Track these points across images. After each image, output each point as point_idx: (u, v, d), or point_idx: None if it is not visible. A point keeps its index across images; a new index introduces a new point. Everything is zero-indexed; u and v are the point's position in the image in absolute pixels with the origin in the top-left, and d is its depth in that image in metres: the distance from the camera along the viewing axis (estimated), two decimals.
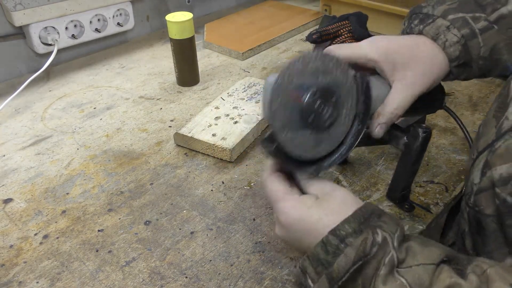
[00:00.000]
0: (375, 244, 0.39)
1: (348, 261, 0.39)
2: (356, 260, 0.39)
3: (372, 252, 0.39)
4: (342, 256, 0.39)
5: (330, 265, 0.40)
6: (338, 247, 0.40)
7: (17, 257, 0.58)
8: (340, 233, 0.40)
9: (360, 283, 0.39)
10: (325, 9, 1.28)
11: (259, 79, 0.92)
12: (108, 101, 0.92)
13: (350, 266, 0.39)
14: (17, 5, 0.94)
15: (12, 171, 0.73)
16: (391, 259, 0.39)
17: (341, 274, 0.39)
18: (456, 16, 0.56)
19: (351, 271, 0.39)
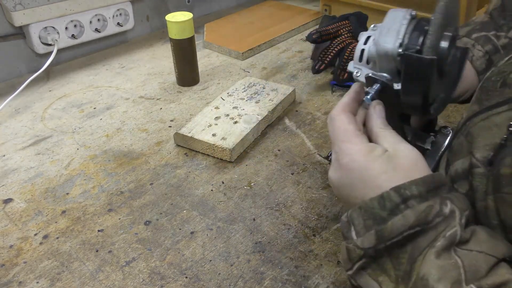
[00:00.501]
0: (441, 215, 0.36)
1: (405, 223, 0.36)
2: (414, 225, 0.36)
3: (434, 222, 0.36)
4: (400, 216, 0.36)
5: (384, 222, 0.37)
6: (398, 206, 0.37)
7: (17, 257, 0.58)
8: (404, 192, 0.37)
9: (408, 252, 0.36)
10: (325, 9, 1.28)
11: (259, 79, 0.92)
12: (108, 101, 0.92)
13: (405, 229, 0.36)
14: (17, 5, 0.94)
15: (12, 171, 0.73)
16: (453, 234, 0.35)
17: (393, 235, 0.36)
18: (479, 35, 0.61)
19: (405, 235, 0.36)
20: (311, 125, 0.83)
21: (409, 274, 0.36)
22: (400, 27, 0.43)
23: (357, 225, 0.39)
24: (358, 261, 0.38)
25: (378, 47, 0.44)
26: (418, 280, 0.35)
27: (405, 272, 0.36)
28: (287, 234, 0.60)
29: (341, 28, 0.97)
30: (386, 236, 0.36)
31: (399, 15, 0.44)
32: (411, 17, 0.44)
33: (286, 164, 0.73)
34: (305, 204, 0.65)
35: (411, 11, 0.44)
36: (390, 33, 0.44)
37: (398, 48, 0.43)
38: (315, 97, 0.92)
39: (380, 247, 0.37)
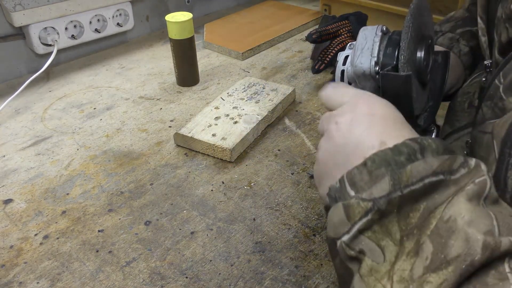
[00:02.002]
0: (466, 166, 0.31)
1: (428, 168, 0.30)
2: (438, 171, 0.30)
3: (458, 173, 0.31)
4: (421, 161, 0.31)
5: (402, 166, 0.31)
6: (415, 153, 0.32)
7: (17, 257, 0.58)
8: (423, 142, 0.32)
9: (421, 210, 0.30)
10: (325, 9, 1.28)
11: (259, 79, 0.92)
12: (108, 101, 0.92)
13: (428, 174, 0.30)
14: (16, 5, 0.94)
15: (12, 172, 0.73)
16: (484, 183, 0.30)
17: (412, 180, 0.30)
18: (464, 30, 0.61)
19: (426, 183, 0.30)
20: (311, 125, 0.83)
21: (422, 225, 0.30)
22: (373, 45, 0.43)
23: (360, 181, 0.33)
24: (361, 219, 0.32)
25: (355, 68, 0.44)
26: (441, 224, 0.29)
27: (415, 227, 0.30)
28: (287, 234, 0.60)
29: (341, 28, 0.97)
30: (404, 181, 0.31)
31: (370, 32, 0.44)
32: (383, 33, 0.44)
33: (286, 164, 0.73)
34: (305, 204, 0.65)
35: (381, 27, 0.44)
36: (364, 53, 0.43)
37: (375, 66, 0.43)
38: (315, 97, 0.92)
39: (395, 195, 0.31)
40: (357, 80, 0.45)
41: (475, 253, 0.27)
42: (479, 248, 0.27)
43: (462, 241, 0.27)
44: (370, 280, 0.31)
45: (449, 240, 0.28)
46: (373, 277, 0.31)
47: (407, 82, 0.41)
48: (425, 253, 0.29)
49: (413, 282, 0.28)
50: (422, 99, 0.47)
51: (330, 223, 0.34)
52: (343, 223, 0.33)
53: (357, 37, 0.45)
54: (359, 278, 0.32)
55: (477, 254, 0.27)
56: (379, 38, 0.43)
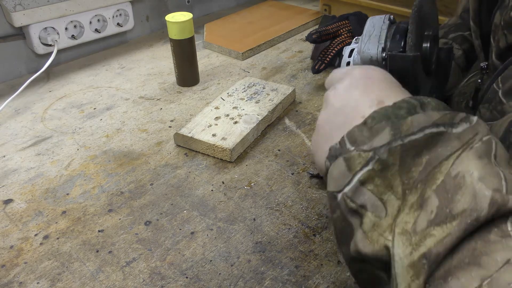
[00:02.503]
0: (467, 121, 0.30)
1: (429, 120, 0.30)
2: (439, 123, 0.30)
3: (459, 127, 0.30)
4: (421, 114, 0.31)
5: (402, 118, 0.31)
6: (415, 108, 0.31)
7: (17, 257, 0.58)
8: (422, 99, 0.32)
9: (423, 163, 0.30)
10: (325, 9, 1.28)
11: (259, 79, 0.92)
12: (108, 101, 0.93)
13: (428, 124, 0.30)
14: (16, 5, 0.94)
15: (12, 172, 0.73)
16: (489, 141, 0.29)
17: (413, 129, 0.30)
18: (455, 35, 0.63)
19: (427, 133, 0.30)
20: (311, 125, 0.83)
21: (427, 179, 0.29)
22: (380, 33, 0.44)
23: (359, 137, 0.32)
24: (362, 169, 0.31)
25: (362, 54, 0.44)
26: (448, 179, 0.28)
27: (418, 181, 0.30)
28: (288, 234, 0.60)
29: (341, 28, 0.97)
30: (405, 130, 0.30)
31: (378, 21, 0.45)
32: (390, 22, 0.45)
33: (286, 164, 0.73)
34: (306, 204, 0.65)
35: (389, 16, 0.45)
36: (371, 40, 0.44)
37: (381, 52, 0.43)
38: (315, 97, 0.92)
39: (396, 144, 0.30)
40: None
41: (482, 209, 0.26)
42: (486, 204, 0.26)
43: (469, 196, 0.27)
44: (373, 235, 0.31)
45: (456, 195, 0.27)
46: (376, 232, 0.30)
47: (415, 62, 0.41)
48: (429, 207, 0.28)
49: (416, 235, 0.28)
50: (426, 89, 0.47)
51: (331, 178, 0.33)
52: (344, 174, 0.32)
53: (365, 25, 0.46)
54: (362, 234, 0.31)
55: (483, 210, 0.26)
56: (386, 26, 0.44)
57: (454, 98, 0.53)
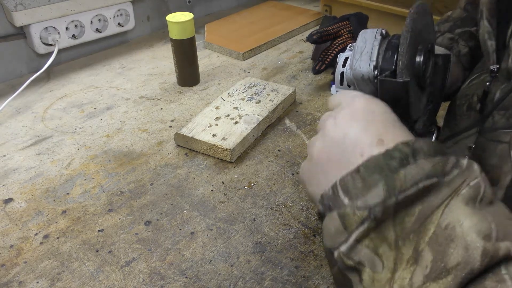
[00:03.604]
0: (457, 167, 0.31)
1: (421, 172, 0.30)
2: (431, 174, 0.30)
3: (450, 174, 0.30)
4: (413, 165, 0.31)
5: (395, 171, 0.31)
6: (408, 157, 0.31)
7: (17, 257, 0.58)
8: (414, 145, 0.32)
9: (417, 212, 0.30)
10: (326, 9, 1.28)
11: (259, 79, 0.93)
12: (109, 101, 0.93)
13: (422, 177, 0.30)
14: (17, 5, 0.94)
15: (13, 171, 0.73)
16: (478, 185, 0.30)
17: (407, 185, 0.30)
18: (462, 30, 0.61)
19: (420, 187, 0.30)
20: (311, 125, 0.83)
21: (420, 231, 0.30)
22: (372, 49, 0.43)
23: (353, 188, 0.32)
24: (358, 228, 0.31)
25: (354, 71, 0.44)
26: (439, 231, 0.29)
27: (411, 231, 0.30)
28: (287, 234, 0.60)
29: (342, 28, 0.97)
30: (399, 187, 0.30)
31: (369, 36, 0.44)
32: (382, 37, 0.44)
33: (287, 165, 0.73)
34: (305, 205, 0.65)
35: (381, 30, 0.44)
36: (363, 57, 0.43)
37: (373, 71, 0.43)
38: (316, 97, 0.92)
39: (390, 202, 0.30)
40: (356, 84, 0.45)
41: (475, 261, 0.27)
42: (479, 256, 0.27)
43: (461, 249, 0.27)
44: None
45: (448, 248, 0.28)
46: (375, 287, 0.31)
47: (404, 88, 0.40)
48: (424, 261, 0.29)
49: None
50: (421, 103, 0.47)
51: (326, 233, 0.34)
52: (340, 232, 0.32)
53: (357, 40, 0.45)
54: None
55: (476, 262, 0.27)
56: (378, 42, 0.43)
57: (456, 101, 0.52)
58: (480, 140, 0.44)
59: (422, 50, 0.43)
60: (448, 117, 0.52)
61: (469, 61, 0.59)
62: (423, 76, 0.44)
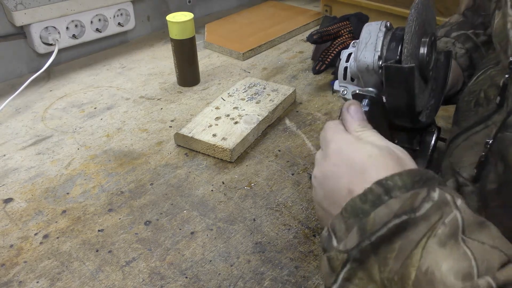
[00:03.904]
0: (429, 200, 0.32)
1: (389, 212, 0.32)
2: (400, 213, 0.32)
3: (422, 208, 0.32)
4: (382, 206, 0.33)
5: (366, 214, 0.33)
6: (380, 197, 0.33)
7: (17, 256, 0.58)
8: (387, 183, 0.34)
9: (397, 248, 0.32)
10: (326, 9, 1.28)
11: (259, 79, 0.93)
12: (109, 101, 0.93)
13: (390, 218, 0.32)
14: (18, 5, 0.94)
15: (13, 171, 0.73)
16: (454, 220, 0.31)
17: (376, 227, 0.32)
18: (458, 33, 0.62)
19: (390, 226, 0.32)
20: (311, 125, 0.83)
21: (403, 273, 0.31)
22: (376, 40, 0.43)
23: (339, 231, 0.35)
24: (343, 269, 0.34)
25: (358, 63, 0.44)
26: (421, 276, 0.30)
27: (395, 272, 0.32)
28: (287, 234, 0.60)
29: (342, 28, 0.97)
30: (369, 230, 0.33)
31: (374, 28, 0.44)
32: (386, 29, 0.44)
33: (287, 165, 0.73)
34: (305, 205, 0.65)
35: (385, 23, 0.44)
36: (367, 48, 0.44)
37: (378, 61, 0.43)
38: (316, 97, 0.92)
39: (365, 245, 0.33)
40: (360, 75, 0.45)
41: None
42: None
43: None
44: None
45: None
46: None
47: (410, 74, 0.41)
48: None
49: None
50: (424, 95, 0.47)
51: (322, 274, 0.37)
52: (329, 274, 0.35)
53: (361, 32, 0.45)
54: None
55: None
56: (383, 33, 0.44)
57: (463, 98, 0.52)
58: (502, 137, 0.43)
59: (426, 41, 0.43)
60: (456, 114, 0.52)
61: (468, 62, 0.60)
62: (427, 67, 0.44)
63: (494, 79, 0.48)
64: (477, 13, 0.64)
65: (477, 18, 0.64)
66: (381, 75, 0.43)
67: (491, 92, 0.47)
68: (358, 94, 0.46)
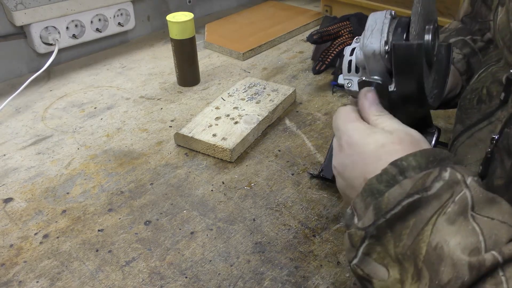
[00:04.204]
0: (439, 180, 0.33)
1: (403, 192, 0.34)
2: (412, 192, 0.33)
3: (433, 188, 0.33)
4: (396, 186, 0.34)
5: (381, 194, 0.35)
6: (395, 177, 0.35)
7: (17, 256, 0.58)
8: (402, 164, 0.35)
9: (411, 225, 0.33)
10: (326, 9, 1.28)
11: (259, 79, 0.93)
12: (109, 101, 0.93)
13: (403, 197, 0.33)
14: (18, 4, 0.94)
15: (13, 171, 0.73)
16: (463, 198, 0.32)
17: (390, 206, 0.34)
18: (456, 39, 0.63)
19: (404, 205, 0.33)
20: (311, 125, 0.83)
21: (414, 248, 0.33)
22: (382, 27, 0.44)
23: (359, 209, 0.37)
24: (362, 245, 0.36)
25: (365, 49, 0.45)
26: (431, 251, 0.32)
27: (408, 247, 0.33)
28: (287, 234, 0.60)
29: (342, 28, 0.97)
30: (384, 208, 0.34)
31: (380, 16, 0.46)
32: (392, 17, 0.45)
33: (287, 165, 0.73)
34: (305, 205, 0.65)
35: (391, 11, 0.45)
36: (374, 34, 0.45)
37: (384, 46, 0.44)
38: (316, 97, 0.92)
39: (380, 222, 0.34)
40: (367, 62, 0.46)
41: (464, 275, 0.29)
42: (466, 270, 0.29)
43: (450, 267, 0.30)
44: None
45: (440, 267, 0.31)
46: None
47: (418, 50, 0.41)
48: (424, 280, 0.32)
49: None
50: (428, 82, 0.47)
51: (345, 249, 0.38)
52: (350, 250, 0.37)
53: (367, 21, 0.46)
54: None
55: (465, 276, 0.29)
56: (388, 20, 0.45)
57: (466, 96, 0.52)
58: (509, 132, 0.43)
59: (430, 29, 0.44)
60: (460, 113, 0.53)
61: (465, 67, 0.61)
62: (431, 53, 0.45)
63: (496, 75, 0.48)
64: (475, 20, 0.65)
65: (475, 25, 0.64)
66: (387, 61, 0.44)
67: (494, 89, 0.47)
68: (364, 82, 0.46)
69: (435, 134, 0.53)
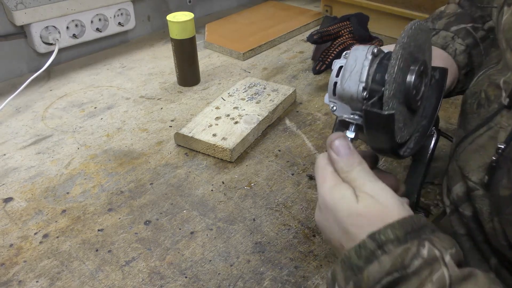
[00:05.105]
0: (418, 257, 0.34)
1: (382, 270, 0.34)
2: (391, 270, 0.34)
3: (412, 266, 0.34)
4: (375, 263, 0.34)
5: (360, 271, 0.35)
6: (373, 252, 0.35)
7: (17, 256, 0.58)
8: (379, 237, 0.35)
9: None
10: (326, 9, 1.28)
11: (259, 79, 0.93)
12: (109, 100, 0.93)
13: (382, 276, 0.34)
14: (18, 4, 0.94)
15: (13, 170, 0.73)
16: (441, 277, 0.33)
17: (370, 284, 0.34)
18: (458, 27, 0.60)
19: (383, 283, 0.34)
20: (311, 125, 0.83)
21: None
22: (362, 69, 0.43)
23: (340, 280, 0.37)
24: None
25: (343, 91, 0.44)
26: None
27: None
28: (287, 234, 0.60)
29: (342, 28, 0.97)
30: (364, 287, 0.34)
31: (360, 54, 0.43)
32: (373, 56, 0.43)
33: (287, 165, 0.73)
34: (305, 205, 0.65)
35: (373, 48, 0.43)
36: (352, 77, 0.43)
37: (362, 92, 0.42)
38: (316, 97, 0.92)
39: None
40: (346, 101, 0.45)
41: None
42: None
43: None
44: None
45: None
46: None
47: (389, 121, 0.41)
48: None
49: None
50: (412, 124, 0.46)
51: None
52: None
53: (348, 57, 0.44)
54: None
55: None
56: (369, 61, 0.43)
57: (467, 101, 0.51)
58: None
59: (414, 71, 0.42)
60: (462, 118, 0.52)
61: (466, 60, 0.58)
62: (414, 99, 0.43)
63: (491, 78, 0.48)
64: (474, 4, 0.62)
65: (476, 11, 0.62)
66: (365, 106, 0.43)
67: (491, 92, 0.47)
68: (345, 122, 0.46)
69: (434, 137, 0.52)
